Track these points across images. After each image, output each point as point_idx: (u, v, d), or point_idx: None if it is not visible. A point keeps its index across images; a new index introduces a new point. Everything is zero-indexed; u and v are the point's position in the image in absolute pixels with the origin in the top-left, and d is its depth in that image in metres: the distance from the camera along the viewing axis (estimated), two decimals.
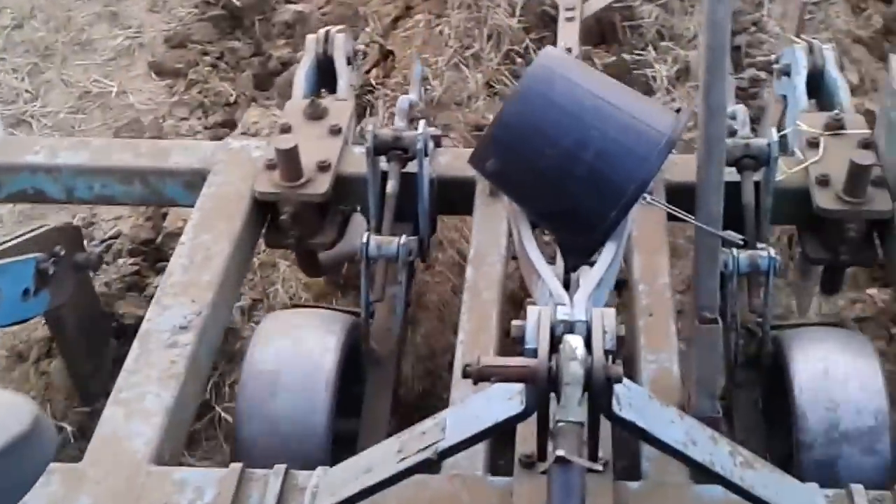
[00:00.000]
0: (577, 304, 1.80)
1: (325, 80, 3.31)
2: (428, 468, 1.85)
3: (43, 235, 2.79)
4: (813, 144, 2.79)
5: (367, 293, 2.62)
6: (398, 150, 2.75)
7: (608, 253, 2.05)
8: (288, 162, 2.74)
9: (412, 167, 2.75)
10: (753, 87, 4.22)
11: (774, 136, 2.62)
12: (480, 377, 1.64)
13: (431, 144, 2.86)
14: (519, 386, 1.75)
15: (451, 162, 2.89)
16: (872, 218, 2.65)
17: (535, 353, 1.67)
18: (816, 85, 3.10)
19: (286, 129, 2.93)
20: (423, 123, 2.75)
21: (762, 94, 4.08)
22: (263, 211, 2.81)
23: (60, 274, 2.80)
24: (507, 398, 1.78)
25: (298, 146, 2.74)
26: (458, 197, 2.87)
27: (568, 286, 2.00)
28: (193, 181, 2.88)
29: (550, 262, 2.14)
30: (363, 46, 3.55)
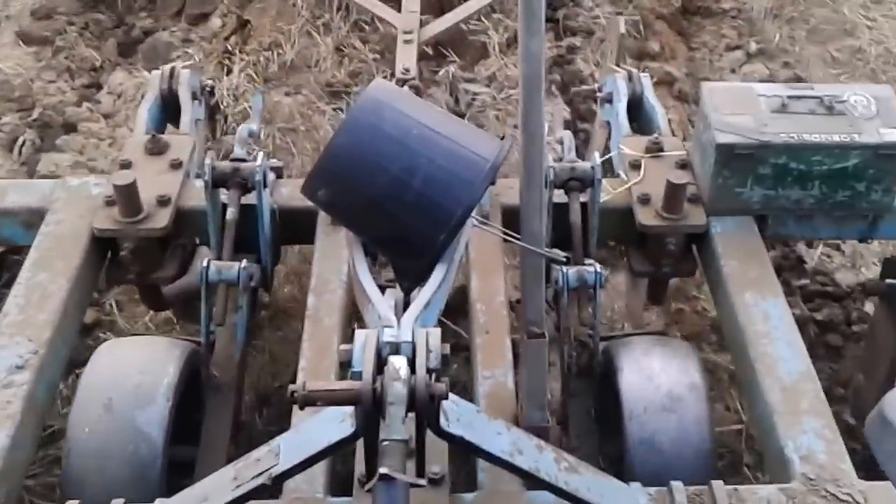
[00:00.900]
0: (403, 325, 1.87)
1: (170, 114, 3.33)
2: (267, 494, 1.89)
3: None
4: (635, 166, 2.96)
5: (207, 319, 2.64)
6: (238, 180, 2.78)
7: (438, 275, 2.12)
8: (127, 197, 2.75)
9: (254, 198, 2.79)
10: (570, 53, 4.83)
11: (597, 159, 2.76)
12: (307, 402, 1.69)
13: (273, 175, 2.91)
14: (350, 408, 1.81)
15: (292, 192, 2.93)
16: (689, 232, 2.83)
17: (361, 375, 1.73)
18: (636, 111, 3.29)
19: (126, 165, 2.94)
20: (261, 155, 2.79)
21: (577, 59, 4.74)
22: (103, 247, 2.80)
23: None
24: (339, 421, 1.84)
25: (137, 181, 2.75)
26: (300, 227, 2.92)
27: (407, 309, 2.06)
28: (31, 220, 2.84)
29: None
30: (210, 82, 3.58)
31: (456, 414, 1.85)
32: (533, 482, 1.97)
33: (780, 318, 2.57)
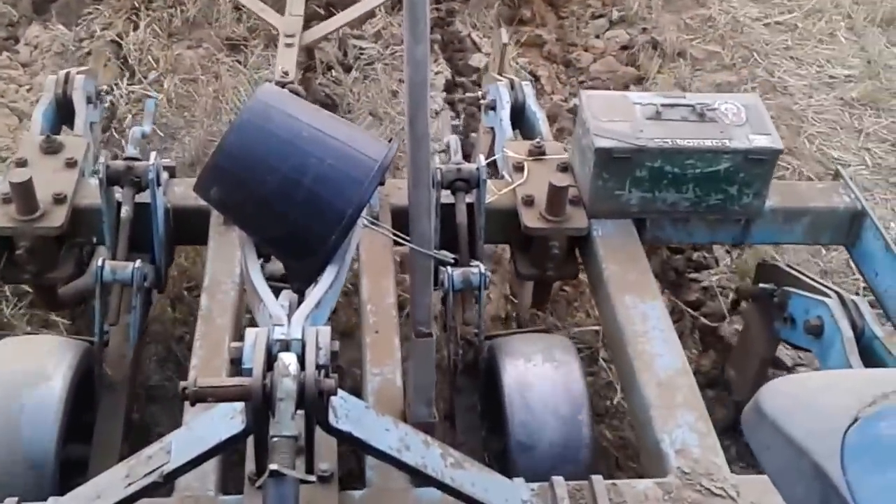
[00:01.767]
0: (294, 323, 1.91)
1: (65, 117, 3.32)
2: (159, 491, 1.92)
3: None
4: (519, 169, 3.06)
5: (101, 318, 2.65)
6: (132, 178, 2.79)
7: (329, 275, 2.17)
8: (23, 195, 2.74)
9: (147, 197, 2.80)
10: (450, 17, 5.33)
11: (482, 161, 2.86)
12: (197, 398, 1.72)
13: (165, 175, 2.92)
14: (240, 405, 1.84)
15: (185, 192, 2.94)
16: (572, 234, 2.94)
17: (252, 372, 1.77)
18: (519, 118, 3.41)
19: (22, 163, 2.92)
20: (154, 154, 2.81)
21: (455, 22, 5.29)
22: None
23: None
24: (229, 417, 1.87)
25: (33, 179, 2.74)
26: (194, 227, 2.94)
27: None
28: None
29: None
30: (105, 87, 3.58)
31: (345, 410, 1.90)
32: (420, 478, 2.01)
33: (658, 318, 2.68)
